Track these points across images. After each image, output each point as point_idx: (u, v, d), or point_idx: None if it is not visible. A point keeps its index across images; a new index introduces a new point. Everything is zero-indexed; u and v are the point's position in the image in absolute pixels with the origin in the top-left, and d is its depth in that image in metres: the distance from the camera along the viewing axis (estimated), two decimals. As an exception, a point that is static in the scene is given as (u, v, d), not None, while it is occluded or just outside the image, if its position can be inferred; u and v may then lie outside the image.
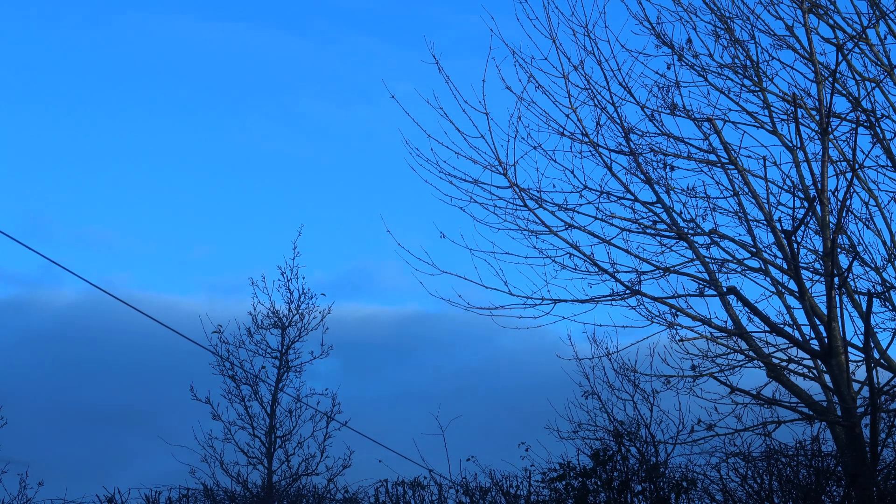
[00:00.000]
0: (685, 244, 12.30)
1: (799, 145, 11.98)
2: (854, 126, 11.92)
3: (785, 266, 11.97)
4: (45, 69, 40.73)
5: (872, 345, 11.64)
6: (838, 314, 11.39)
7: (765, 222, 12.19)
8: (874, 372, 11.18)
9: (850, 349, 11.79)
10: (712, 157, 12.49)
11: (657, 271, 12.27)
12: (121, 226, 39.54)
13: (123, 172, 39.32)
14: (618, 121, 12.38)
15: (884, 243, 12.54)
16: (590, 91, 12.40)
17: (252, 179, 40.97)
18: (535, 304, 12.32)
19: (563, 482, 12.60)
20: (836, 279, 11.40)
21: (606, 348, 13.57)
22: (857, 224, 12.67)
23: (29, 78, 40.62)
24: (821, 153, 11.79)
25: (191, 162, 40.53)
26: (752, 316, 12.05)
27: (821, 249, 11.91)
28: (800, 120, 11.90)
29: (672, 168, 12.47)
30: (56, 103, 41.10)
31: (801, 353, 12.07)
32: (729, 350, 12.12)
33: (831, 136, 12.04)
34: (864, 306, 11.42)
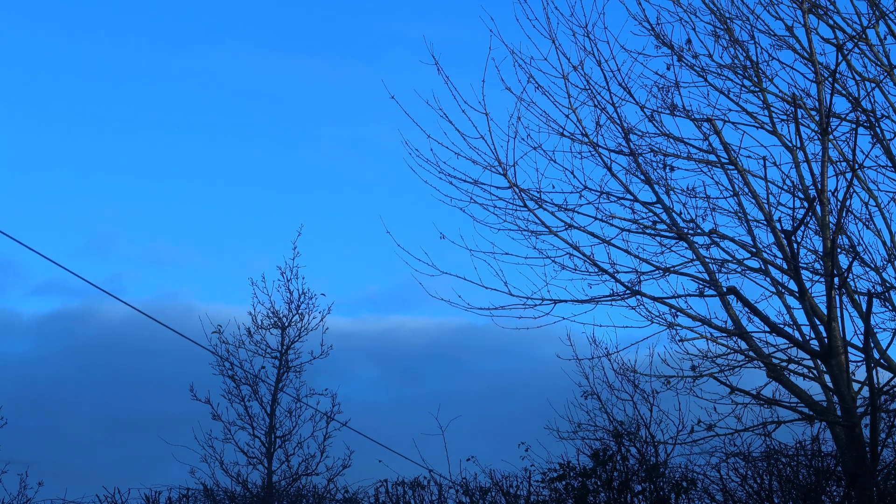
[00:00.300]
0: (685, 244, 12.30)
1: (799, 145, 11.98)
2: (854, 126, 11.92)
3: (785, 266, 11.97)
4: (123, 92, 41.05)
5: (872, 345, 11.64)
6: (838, 314, 11.39)
7: (765, 222, 12.19)
8: (874, 372, 11.18)
9: (850, 349, 11.79)
10: (712, 158, 12.49)
11: (657, 271, 12.28)
12: (183, 240, 39.64)
13: (177, 188, 39.44)
14: (618, 121, 12.39)
15: (884, 243, 12.54)
16: (589, 91, 12.41)
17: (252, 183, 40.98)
18: (535, 305, 12.33)
19: (563, 482, 12.60)
20: (836, 279, 11.40)
21: (606, 348, 13.58)
22: (857, 224, 12.69)
23: (106, 101, 41.02)
24: (821, 153, 11.79)
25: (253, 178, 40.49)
26: (752, 316, 12.06)
27: (821, 249, 11.92)
28: (800, 120, 11.90)
29: (672, 168, 12.48)
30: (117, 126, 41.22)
31: (801, 353, 12.07)
32: (729, 350, 12.13)
33: (831, 137, 12.04)
34: (864, 306, 11.42)
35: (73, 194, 40.22)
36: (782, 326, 12.13)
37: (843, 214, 11.82)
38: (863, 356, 11.72)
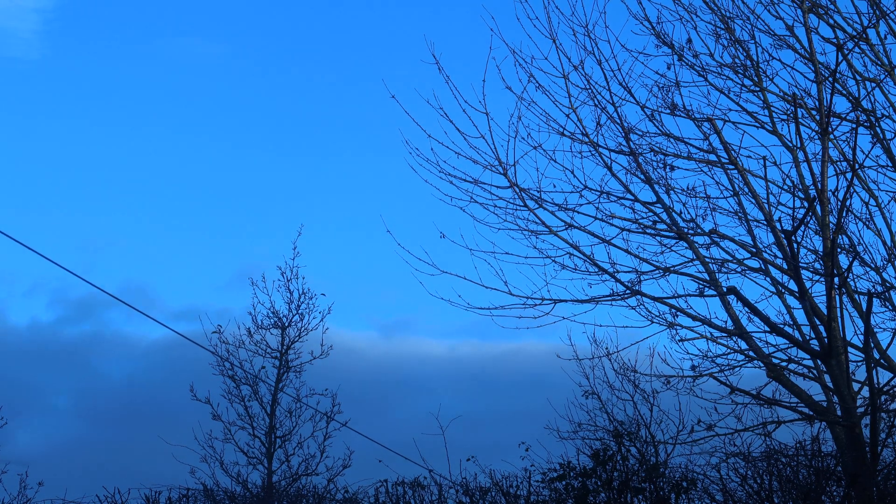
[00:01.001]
0: (685, 244, 12.30)
1: (799, 145, 11.98)
2: (854, 126, 11.92)
3: (785, 266, 11.97)
4: (123, 92, 41.16)
5: (872, 345, 11.64)
6: (838, 314, 11.38)
7: (765, 222, 12.19)
8: (874, 372, 11.17)
9: (850, 349, 11.79)
10: (712, 157, 12.49)
11: (657, 271, 12.28)
12: (183, 240, 39.63)
13: (177, 188, 39.41)
14: (618, 121, 12.39)
15: (884, 243, 12.54)
16: (590, 91, 12.41)
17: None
18: (535, 304, 12.33)
19: (563, 482, 12.58)
20: (836, 279, 11.39)
21: (606, 348, 13.61)
22: (857, 224, 12.69)
23: (106, 101, 41.09)
24: (821, 153, 11.79)
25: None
26: (752, 316, 12.05)
27: (821, 249, 11.91)
28: (800, 120, 11.90)
29: (672, 168, 12.48)
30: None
31: (801, 353, 12.07)
32: (729, 350, 12.13)
33: (831, 136, 12.03)
34: (864, 306, 11.41)
35: (72, 194, 40.22)
36: (782, 326, 12.13)
37: (843, 214, 11.82)
38: (863, 356, 11.71)
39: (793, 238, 11.65)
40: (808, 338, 12.00)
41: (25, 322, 35.41)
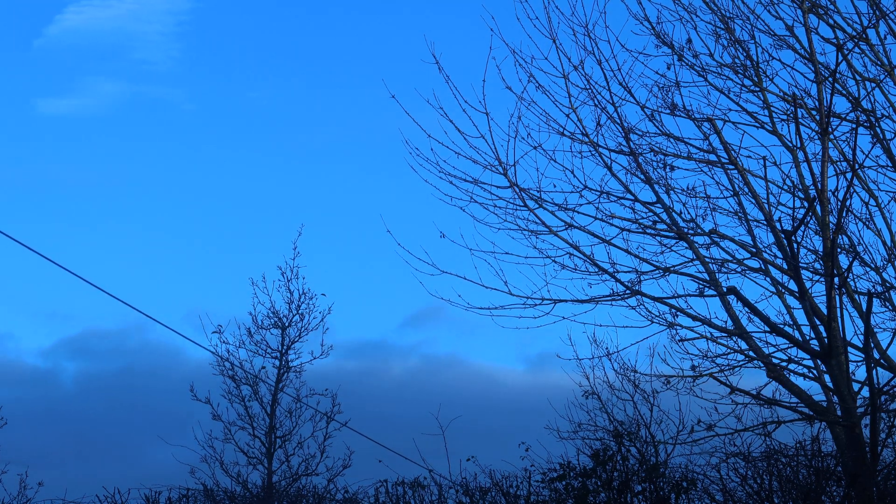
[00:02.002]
0: (685, 244, 12.30)
1: (799, 145, 11.98)
2: (854, 126, 11.92)
3: (785, 266, 11.97)
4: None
5: (872, 345, 11.64)
6: (838, 314, 11.38)
7: (765, 222, 12.19)
8: (874, 372, 11.18)
9: (850, 349, 11.79)
10: (712, 157, 12.49)
11: (657, 271, 12.28)
12: (183, 239, 39.63)
13: (177, 187, 39.42)
14: (618, 121, 12.39)
15: (884, 243, 12.54)
16: (590, 91, 12.41)
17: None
18: (535, 304, 12.33)
19: (563, 482, 12.58)
20: (836, 279, 11.39)
21: (606, 348, 13.61)
22: (857, 224, 12.69)
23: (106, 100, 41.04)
24: (821, 153, 11.79)
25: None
26: (752, 316, 12.06)
27: (821, 249, 11.91)
28: (800, 120, 11.90)
29: (672, 168, 12.48)
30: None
31: (801, 353, 12.07)
32: (729, 350, 12.13)
33: (831, 136, 12.03)
34: (864, 306, 11.42)
35: (72, 193, 40.22)
36: (782, 326, 12.13)
37: (843, 214, 11.82)
38: (863, 356, 11.71)
39: (793, 238, 11.65)
40: (808, 338, 12.00)
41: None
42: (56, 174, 40.22)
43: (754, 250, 12.28)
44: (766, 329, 12.05)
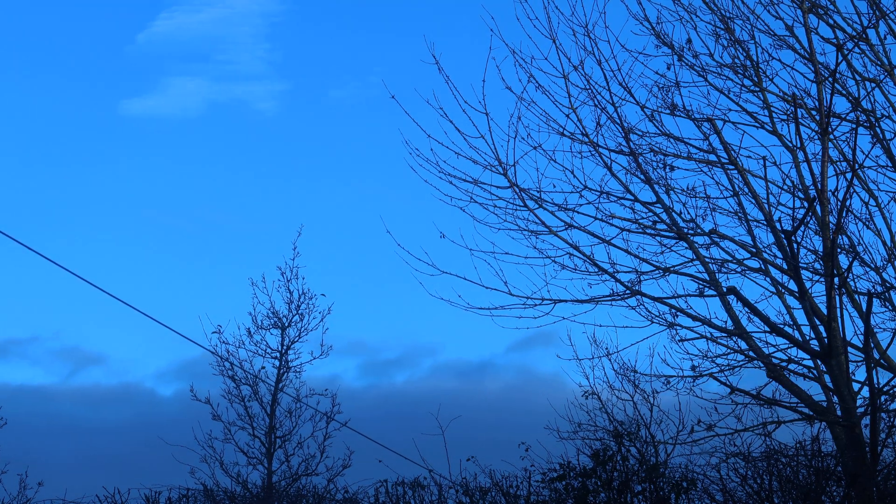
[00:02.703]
0: (685, 244, 12.30)
1: (799, 145, 11.98)
2: (854, 126, 11.92)
3: (785, 266, 11.97)
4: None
5: (872, 345, 11.64)
6: (838, 314, 11.38)
7: (765, 222, 12.19)
8: (874, 372, 11.18)
9: (850, 349, 11.79)
10: (712, 157, 12.50)
11: (657, 271, 12.28)
12: (183, 239, 39.75)
13: (177, 187, 39.53)
14: (618, 121, 12.39)
15: (884, 243, 12.54)
16: (590, 91, 12.41)
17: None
18: (535, 305, 12.33)
19: (563, 482, 12.58)
20: (836, 279, 11.39)
21: (606, 348, 13.61)
22: (857, 224, 12.69)
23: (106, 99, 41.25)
24: (821, 153, 11.79)
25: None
26: (752, 316, 12.06)
27: (821, 250, 11.91)
28: (800, 120, 11.90)
29: (672, 168, 12.48)
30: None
31: (801, 354, 12.07)
32: (729, 350, 12.14)
33: (831, 136, 12.03)
34: (864, 306, 11.42)
35: (71, 193, 40.21)
36: (782, 326, 12.13)
37: (843, 214, 11.82)
38: (863, 356, 11.71)
39: (793, 238, 11.65)
40: (808, 338, 12.00)
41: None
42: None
43: (754, 250, 12.28)
44: (766, 329, 12.06)
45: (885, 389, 11.49)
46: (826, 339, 11.54)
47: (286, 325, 19.53)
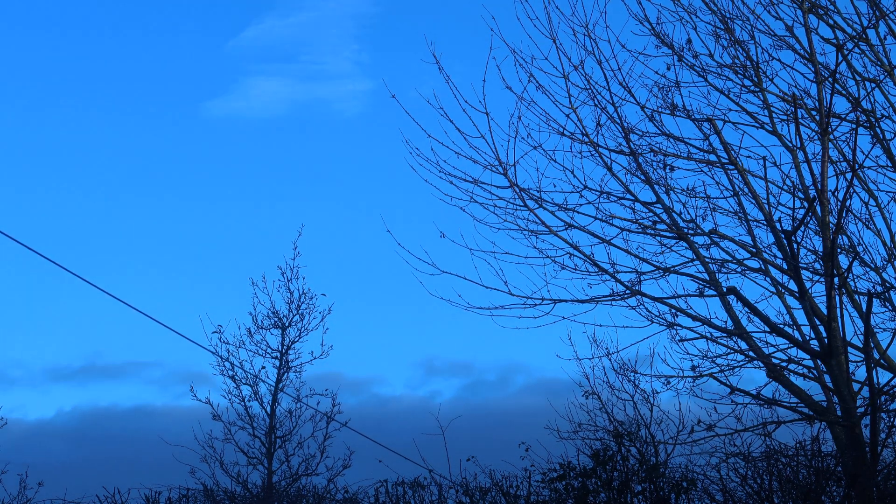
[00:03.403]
0: (685, 244, 12.30)
1: (799, 145, 11.98)
2: (854, 126, 11.92)
3: (785, 266, 11.97)
4: (124, 91, 41.51)
5: (872, 345, 11.64)
6: (838, 314, 11.38)
7: (765, 222, 12.19)
8: (874, 372, 11.18)
9: (850, 349, 11.79)
10: (712, 158, 12.50)
11: (657, 271, 12.28)
12: (182, 239, 39.92)
13: (177, 187, 39.66)
14: (618, 121, 12.39)
15: (884, 243, 12.54)
16: (590, 91, 12.41)
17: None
18: (535, 304, 12.33)
19: (563, 482, 12.58)
20: (836, 279, 11.39)
21: (606, 348, 13.62)
22: (857, 224, 12.70)
23: (107, 100, 41.53)
24: (821, 153, 11.79)
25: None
26: (752, 316, 12.06)
27: (821, 250, 11.91)
28: (800, 120, 11.90)
29: (672, 168, 12.48)
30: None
31: (801, 354, 12.07)
32: (729, 350, 12.13)
33: (831, 137, 12.03)
34: (864, 306, 11.42)
35: (71, 193, 40.20)
36: (782, 326, 12.13)
37: (843, 214, 11.82)
38: (863, 356, 11.71)
39: (793, 238, 11.65)
40: (808, 338, 12.00)
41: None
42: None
43: (754, 250, 12.28)
44: (766, 329, 12.05)
45: (885, 389, 11.49)
46: (826, 339, 11.54)
47: (286, 325, 19.53)
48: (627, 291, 12.19)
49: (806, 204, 11.85)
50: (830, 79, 11.76)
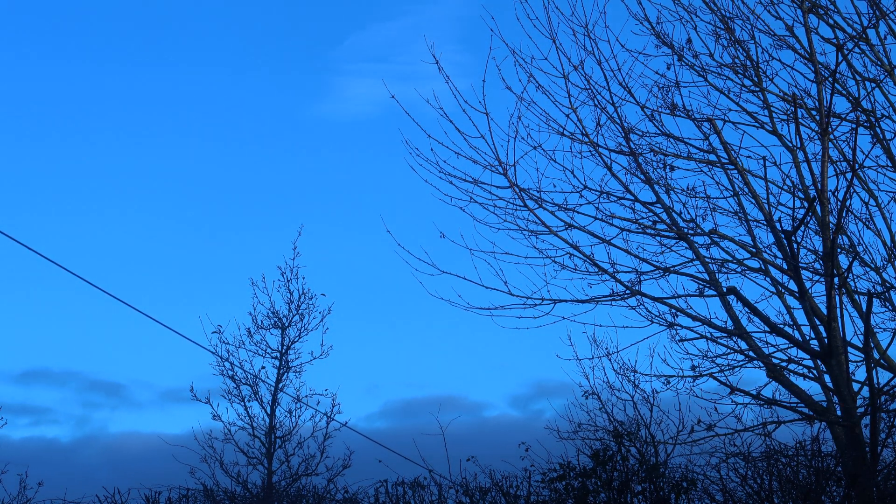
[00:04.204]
0: (685, 244, 12.29)
1: (799, 145, 11.97)
2: (854, 126, 11.91)
3: (785, 266, 11.97)
4: (125, 89, 41.63)
5: (872, 345, 11.63)
6: (838, 314, 11.38)
7: (765, 222, 12.18)
8: (874, 372, 11.17)
9: (850, 349, 11.78)
10: (712, 157, 12.49)
11: (657, 271, 12.27)
12: (182, 239, 40.02)
13: (177, 187, 39.71)
14: (618, 121, 12.39)
15: (884, 243, 12.54)
16: (590, 91, 12.41)
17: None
18: (535, 305, 12.32)
19: (563, 482, 12.58)
20: (836, 279, 11.39)
21: (606, 348, 13.62)
22: (857, 224, 12.69)
23: (107, 99, 41.60)
24: (821, 153, 11.78)
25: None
26: (752, 316, 12.05)
27: (821, 250, 11.91)
28: (800, 120, 11.89)
29: (672, 168, 12.48)
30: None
31: (801, 354, 12.06)
32: (729, 350, 12.13)
33: (831, 136, 12.03)
34: (864, 306, 11.42)
35: (71, 193, 40.18)
36: (782, 326, 12.12)
37: (843, 214, 11.81)
38: (863, 356, 11.71)
39: (793, 238, 11.64)
40: (808, 338, 12.00)
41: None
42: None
43: (754, 250, 12.27)
44: (766, 329, 12.05)
45: (885, 389, 11.48)
46: (826, 339, 11.53)
47: (286, 325, 19.55)
48: (627, 291, 12.19)
49: (806, 204, 11.85)
50: (830, 79, 11.76)
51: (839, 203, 11.70)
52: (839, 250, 12.02)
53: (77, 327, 35.93)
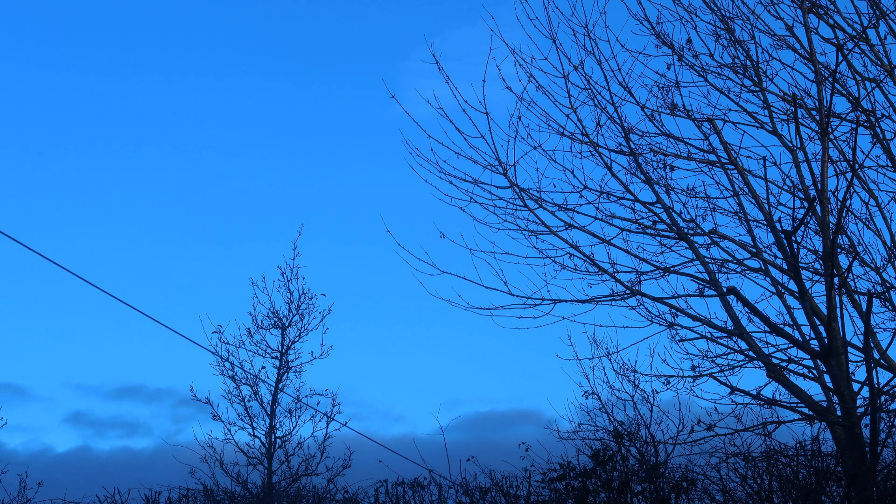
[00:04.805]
0: (685, 244, 12.29)
1: (799, 145, 11.97)
2: (854, 126, 11.91)
3: (785, 266, 11.96)
4: (125, 89, 41.62)
5: (872, 345, 11.63)
6: (838, 314, 11.38)
7: (765, 222, 12.18)
8: (874, 372, 11.17)
9: (850, 349, 11.78)
10: (712, 157, 12.49)
11: (657, 271, 12.27)
12: (183, 239, 40.09)
13: (177, 187, 39.71)
14: (618, 121, 12.38)
15: (884, 243, 12.54)
16: (590, 91, 12.40)
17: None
18: (535, 305, 12.32)
19: (563, 482, 12.59)
20: (836, 279, 11.39)
21: (606, 348, 13.64)
22: (857, 224, 12.69)
23: (107, 99, 41.65)
24: (821, 153, 11.78)
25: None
26: (752, 316, 12.05)
27: (821, 250, 11.90)
28: (800, 120, 11.89)
29: (672, 168, 12.47)
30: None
31: (801, 354, 12.06)
32: (729, 350, 12.13)
33: (831, 136, 12.03)
34: (864, 306, 11.41)
35: (72, 194, 40.19)
36: (782, 326, 12.12)
37: (843, 214, 11.81)
38: (863, 356, 11.71)
39: (793, 238, 11.64)
40: (808, 338, 11.99)
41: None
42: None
43: (754, 250, 12.27)
44: (766, 329, 12.05)
45: (885, 389, 11.48)
46: (826, 339, 11.53)
47: (286, 325, 19.55)
48: (627, 291, 12.18)
49: (806, 204, 11.85)
50: (830, 79, 11.76)
51: (839, 203, 11.70)
52: (839, 250, 12.02)
53: (77, 327, 35.96)
